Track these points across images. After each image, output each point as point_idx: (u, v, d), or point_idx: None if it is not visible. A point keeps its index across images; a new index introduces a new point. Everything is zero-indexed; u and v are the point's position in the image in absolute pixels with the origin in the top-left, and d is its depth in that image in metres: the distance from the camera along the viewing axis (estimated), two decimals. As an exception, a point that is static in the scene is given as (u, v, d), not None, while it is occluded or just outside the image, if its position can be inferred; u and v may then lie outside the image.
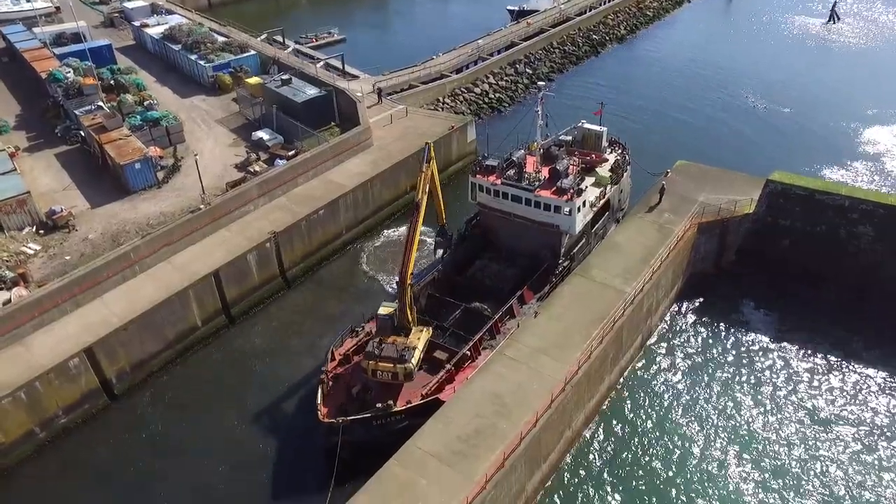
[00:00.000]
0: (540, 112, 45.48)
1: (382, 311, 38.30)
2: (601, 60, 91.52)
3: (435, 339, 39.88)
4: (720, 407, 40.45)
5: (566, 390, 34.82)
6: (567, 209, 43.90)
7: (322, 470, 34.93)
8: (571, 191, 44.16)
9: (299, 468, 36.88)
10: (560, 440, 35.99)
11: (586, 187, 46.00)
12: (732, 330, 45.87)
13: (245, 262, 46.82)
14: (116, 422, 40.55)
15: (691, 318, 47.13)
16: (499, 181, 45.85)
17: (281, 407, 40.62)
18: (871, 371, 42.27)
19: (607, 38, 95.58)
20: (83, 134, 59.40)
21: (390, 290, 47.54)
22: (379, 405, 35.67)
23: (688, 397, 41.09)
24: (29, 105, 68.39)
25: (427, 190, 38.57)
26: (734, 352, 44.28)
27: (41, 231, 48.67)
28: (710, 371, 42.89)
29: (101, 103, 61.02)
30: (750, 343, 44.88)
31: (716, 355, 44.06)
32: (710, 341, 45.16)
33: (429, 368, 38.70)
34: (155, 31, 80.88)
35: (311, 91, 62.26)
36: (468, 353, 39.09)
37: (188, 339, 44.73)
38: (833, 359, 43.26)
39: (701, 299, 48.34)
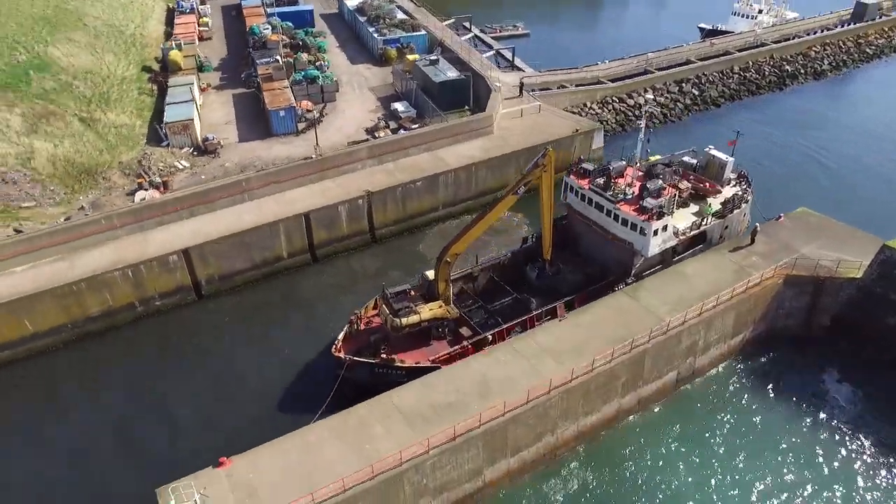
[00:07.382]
0: (643, 127, 45.00)
1: (428, 273, 42.81)
2: (786, 94, 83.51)
3: (467, 318, 42.17)
4: (752, 483, 36.54)
5: (550, 394, 34.86)
6: (643, 228, 42.83)
7: (326, 395, 38.32)
8: (653, 212, 42.94)
9: (311, 389, 40.67)
10: (538, 442, 36.11)
11: (671, 212, 44.26)
12: (804, 399, 41.42)
13: (336, 211, 52.06)
14: (200, 316, 48.20)
15: (755, 373, 43.41)
16: (586, 185, 45.88)
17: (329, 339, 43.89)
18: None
19: (802, 71, 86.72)
20: (258, 81, 69.06)
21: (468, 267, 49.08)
22: (384, 356, 38.85)
23: (716, 461, 37.83)
24: (235, 52, 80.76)
25: (516, 191, 39.94)
26: (797, 421, 39.94)
27: (195, 152, 58.35)
28: (753, 436, 39.13)
29: (278, 57, 70.37)
30: (823, 419, 40.19)
31: (770, 420, 40.04)
32: (769, 403, 41.24)
33: (451, 341, 41.11)
34: (352, 2, 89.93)
35: (451, 73, 65.84)
36: (490, 336, 40.52)
37: (273, 266, 51.19)
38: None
39: (773, 356, 44.24)
